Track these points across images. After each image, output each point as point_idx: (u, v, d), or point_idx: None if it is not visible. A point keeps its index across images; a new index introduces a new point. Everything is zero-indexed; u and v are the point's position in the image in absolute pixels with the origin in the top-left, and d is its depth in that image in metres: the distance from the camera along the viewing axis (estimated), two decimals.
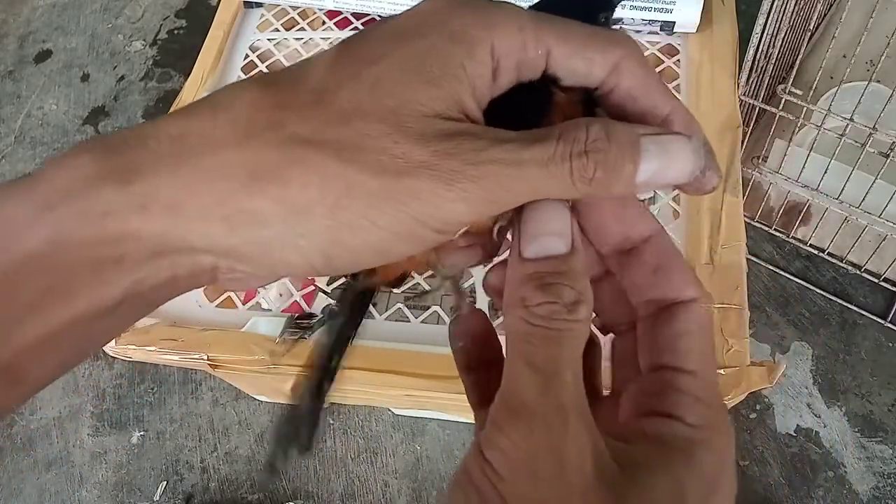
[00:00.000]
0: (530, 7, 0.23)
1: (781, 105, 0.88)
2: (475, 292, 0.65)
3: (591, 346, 0.25)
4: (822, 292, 1.11)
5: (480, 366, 0.27)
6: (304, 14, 0.88)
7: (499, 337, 0.27)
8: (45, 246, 0.19)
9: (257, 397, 1.10)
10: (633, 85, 0.22)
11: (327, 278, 0.68)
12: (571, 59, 0.22)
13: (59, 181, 0.20)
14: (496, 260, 0.26)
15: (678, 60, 0.77)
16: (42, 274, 0.19)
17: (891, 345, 1.07)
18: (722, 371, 0.56)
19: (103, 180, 0.20)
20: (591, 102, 0.23)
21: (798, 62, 0.84)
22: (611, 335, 0.27)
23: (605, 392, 0.27)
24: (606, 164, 0.20)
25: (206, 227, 0.20)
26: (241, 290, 0.24)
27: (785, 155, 0.92)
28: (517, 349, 0.21)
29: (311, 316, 0.64)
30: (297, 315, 0.64)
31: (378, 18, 0.85)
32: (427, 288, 0.67)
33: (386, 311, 0.64)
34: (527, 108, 0.23)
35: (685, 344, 0.22)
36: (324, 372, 0.28)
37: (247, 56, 0.83)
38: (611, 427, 0.21)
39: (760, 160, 0.97)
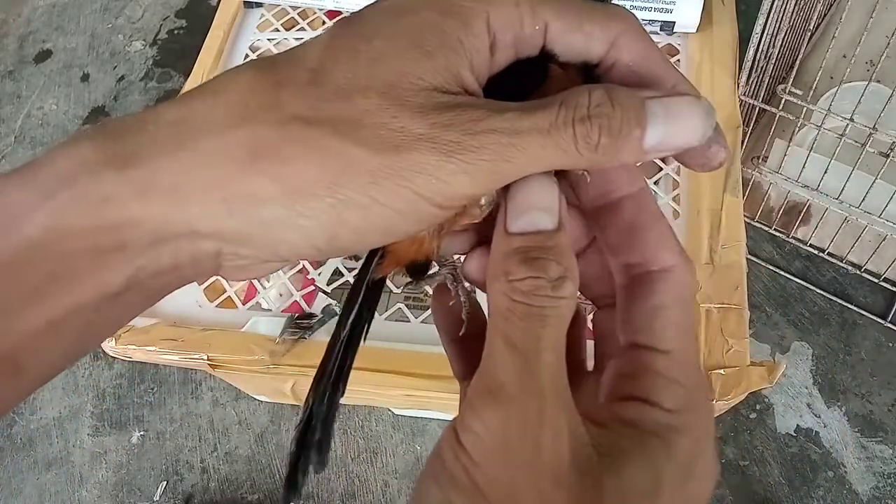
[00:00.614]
0: None
1: (781, 105, 0.88)
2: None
3: (576, 317, 0.24)
4: (822, 292, 1.11)
5: (465, 336, 0.27)
6: (304, 14, 0.88)
7: (483, 308, 0.26)
8: (46, 233, 0.19)
9: (257, 397, 1.10)
10: (633, 59, 0.22)
11: (327, 278, 0.68)
12: (569, 34, 0.22)
13: (60, 167, 0.20)
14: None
15: (678, 60, 0.77)
16: (43, 261, 0.19)
17: (891, 345, 1.07)
18: (722, 371, 0.56)
19: (103, 166, 0.19)
20: (591, 79, 0.23)
21: (798, 62, 0.84)
22: (594, 309, 0.26)
23: (590, 367, 0.26)
24: (612, 128, 0.20)
25: (207, 210, 0.20)
26: (246, 278, 0.23)
27: (785, 155, 0.92)
28: (497, 326, 0.20)
29: (311, 316, 0.64)
30: (297, 315, 0.64)
31: None
32: (430, 291, 0.67)
33: (386, 311, 0.64)
34: (525, 85, 0.23)
35: (661, 321, 0.22)
36: (339, 371, 0.28)
37: (247, 56, 0.83)
38: (592, 407, 0.21)
39: (760, 160, 0.97)
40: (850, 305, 1.09)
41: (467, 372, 0.26)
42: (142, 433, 1.14)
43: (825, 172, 0.90)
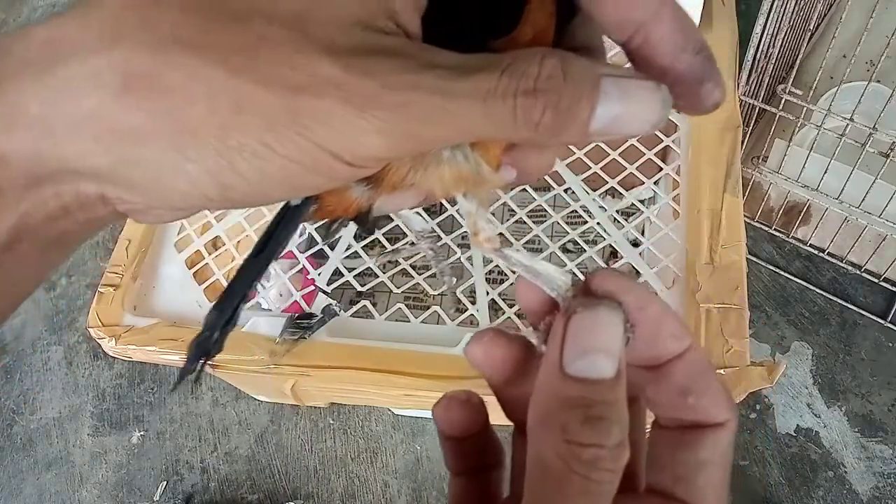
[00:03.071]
0: None
1: (781, 105, 0.88)
2: (475, 293, 0.65)
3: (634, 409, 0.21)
4: (822, 292, 1.11)
5: (472, 469, 0.24)
6: None
7: (497, 441, 0.24)
8: None
9: (257, 397, 1.10)
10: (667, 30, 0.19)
11: (327, 278, 0.68)
12: None
13: None
14: (482, 328, 0.23)
15: None
16: None
17: (891, 345, 1.07)
18: (722, 371, 0.56)
19: None
20: (567, 4, 0.20)
21: (798, 62, 0.84)
22: None
23: None
24: (559, 106, 0.17)
25: (80, 147, 0.17)
26: (154, 222, 0.21)
27: (785, 155, 0.92)
28: (547, 495, 0.18)
29: (311, 316, 0.64)
30: (297, 315, 0.64)
31: None
32: (430, 291, 0.67)
33: (386, 311, 0.64)
34: (480, 19, 0.19)
35: (704, 478, 0.20)
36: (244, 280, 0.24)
37: None
38: None
39: (760, 160, 0.97)
40: (850, 305, 1.09)
41: (462, 469, 0.24)
42: (142, 433, 1.14)
43: (825, 172, 0.90)
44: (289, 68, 0.16)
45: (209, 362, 0.25)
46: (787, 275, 1.13)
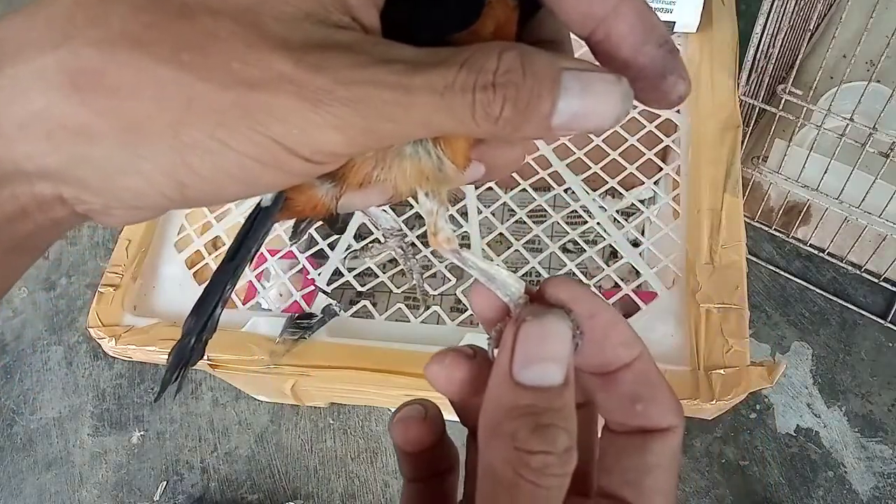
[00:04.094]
0: None
1: (781, 105, 0.88)
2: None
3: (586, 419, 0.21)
4: (822, 292, 1.11)
5: (427, 476, 0.24)
6: None
7: (452, 445, 0.24)
8: None
9: (257, 397, 1.10)
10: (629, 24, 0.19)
11: (327, 278, 0.68)
12: None
13: None
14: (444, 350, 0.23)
15: None
16: None
17: (891, 345, 1.07)
18: (722, 371, 0.56)
19: None
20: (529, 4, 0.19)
21: (798, 62, 0.84)
22: None
23: None
24: (518, 100, 0.17)
25: (30, 147, 0.17)
26: (117, 224, 0.20)
27: (785, 155, 0.92)
28: (498, 498, 0.18)
29: (310, 316, 0.64)
30: (297, 315, 0.64)
31: None
32: (430, 291, 0.67)
33: (386, 311, 0.64)
34: (441, 13, 0.19)
35: (652, 481, 0.20)
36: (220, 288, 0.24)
37: None
38: None
39: (760, 160, 0.97)
40: (850, 305, 1.09)
41: (417, 476, 0.24)
42: (142, 433, 1.14)
43: (825, 172, 0.90)
44: (240, 63, 0.16)
45: (195, 367, 0.25)
46: (787, 275, 1.13)
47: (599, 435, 0.23)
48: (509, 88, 0.17)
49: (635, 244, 0.68)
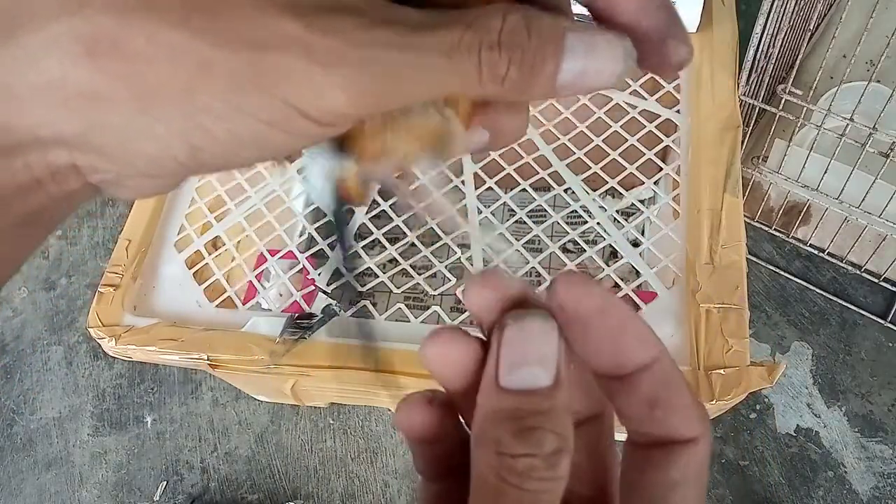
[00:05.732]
0: None
1: (781, 105, 0.88)
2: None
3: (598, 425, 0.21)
4: (822, 292, 1.11)
5: (444, 474, 0.23)
6: None
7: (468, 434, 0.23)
8: None
9: (257, 397, 1.10)
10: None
11: (327, 278, 0.68)
12: None
13: None
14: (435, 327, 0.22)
15: None
16: None
17: (891, 345, 1.07)
18: (722, 371, 0.56)
19: None
20: None
21: (798, 62, 0.84)
22: None
23: None
24: (523, 60, 0.17)
25: (45, 113, 0.17)
26: (127, 197, 0.21)
27: (785, 155, 0.92)
28: None
29: (311, 316, 0.64)
30: (297, 315, 0.64)
31: None
32: (430, 291, 0.67)
33: (386, 311, 0.64)
34: None
35: (678, 499, 0.19)
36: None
37: None
38: None
39: (760, 160, 0.97)
40: (850, 305, 1.09)
41: (434, 474, 0.23)
42: (142, 433, 1.14)
43: (825, 172, 0.90)
44: (250, 27, 0.16)
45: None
46: (787, 275, 1.13)
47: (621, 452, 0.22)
48: (514, 49, 0.17)
49: (635, 244, 0.68)
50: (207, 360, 0.62)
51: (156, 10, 0.16)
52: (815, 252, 1.05)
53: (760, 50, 0.82)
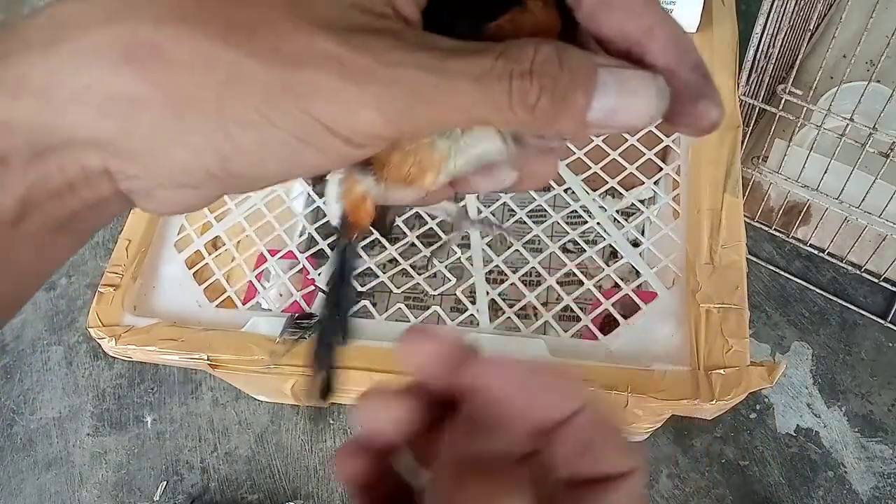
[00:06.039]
0: None
1: (781, 105, 0.88)
2: (475, 293, 0.65)
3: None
4: (822, 292, 1.11)
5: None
6: None
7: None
8: None
9: (257, 397, 1.10)
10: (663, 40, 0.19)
11: (327, 278, 0.68)
12: None
13: None
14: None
15: None
16: None
17: (891, 345, 1.07)
18: (722, 371, 0.56)
19: None
20: (567, 18, 0.20)
21: (798, 62, 0.84)
22: None
23: None
24: (555, 90, 0.17)
25: (82, 116, 0.17)
26: (155, 210, 0.21)
27: (785, 155, 0.92)
28: None
29: (311, 316, 0.64)
30: (297, 315, 0.64)
31: None
32: (430, 291, 0.67)
33: (386, 311, 0.64)
34: (482, 13, 0.20)
35: None
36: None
37: None
38: None
39: (760, 160, 0.97)
40: (850, 305, 1.09)
41: None
42: (142, 433, 1.14)
43: (825, 172, 0.90)
44: (286, 43, 0.17)
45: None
46: (787, 275, 1.13)
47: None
48: (546, 78, 0.17)
49: (635, 244, 0.68)
50: (207, 360, 0.62)
51: (196, 21, 0.17)
52: (815, 252, 1.05)
53: (760, 50, 0.82)
